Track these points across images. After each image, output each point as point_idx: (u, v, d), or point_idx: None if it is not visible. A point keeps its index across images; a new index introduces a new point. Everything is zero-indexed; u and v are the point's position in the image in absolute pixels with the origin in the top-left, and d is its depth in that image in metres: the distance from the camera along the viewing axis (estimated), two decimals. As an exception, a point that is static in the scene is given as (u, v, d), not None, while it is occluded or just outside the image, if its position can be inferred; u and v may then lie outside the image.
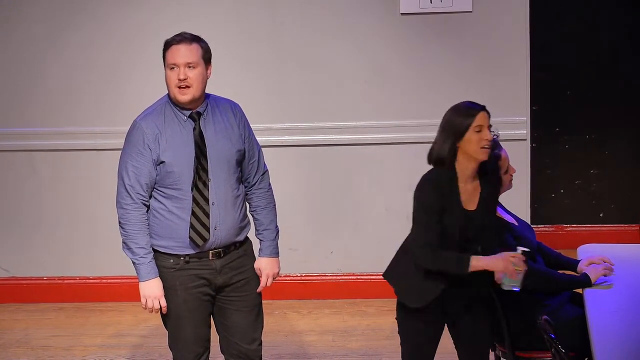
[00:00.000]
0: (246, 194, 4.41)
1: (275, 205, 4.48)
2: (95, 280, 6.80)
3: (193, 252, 4.25)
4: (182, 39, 4.20)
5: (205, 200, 4.22)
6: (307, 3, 6.48)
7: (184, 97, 4.18)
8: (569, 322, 4.41)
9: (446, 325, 4.32)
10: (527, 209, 6.47)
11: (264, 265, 4.42)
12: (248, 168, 4.38)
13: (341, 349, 5.92)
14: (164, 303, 4.25)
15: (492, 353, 4.60)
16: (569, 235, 7.41)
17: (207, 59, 4.25)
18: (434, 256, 4.08)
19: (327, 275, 6.75)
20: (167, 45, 4.22)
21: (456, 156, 4.10)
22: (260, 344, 4.46)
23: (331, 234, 6.70)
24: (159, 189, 4.23)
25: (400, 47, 6.49)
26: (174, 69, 4.18)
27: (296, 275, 6.72)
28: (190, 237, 4.22)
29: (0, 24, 6.59)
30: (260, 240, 4.45)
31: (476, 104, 4.13)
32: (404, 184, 6.50)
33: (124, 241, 4.24)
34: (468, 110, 4.10)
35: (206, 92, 4.28)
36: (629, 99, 7.38)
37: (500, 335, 4.50)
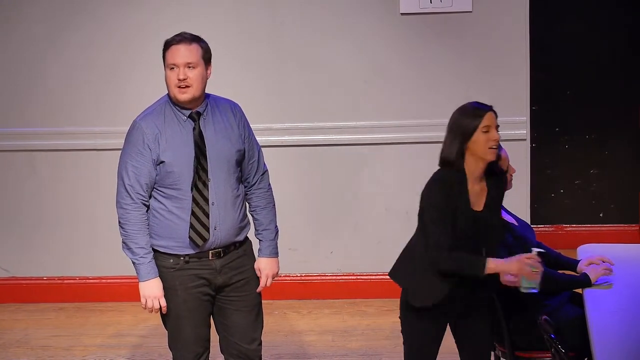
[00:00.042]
0: (246, 194, 4.41)
1: (274, 205, 4.48)
2: (95, 280, 6.80)
3: (193, 252, 4.25)
4: (182, 39, 4.20)
5: (205, 200, 4.22)
6: (307, 3, 6.48)
7: (183, 96, 4.17)
8: (569, 322, 4.40)
9: (448, 326, 4.32)
10: (527, 209, 6.47)
11: (263, 265, 4.42)
12: (248, 168, 4.38)
13: (341, 349, 5.92)
14: (163, 303, 4.25)
15: (492, 353, 4.60)
16: (569, 235, 7.41)
17: (207, 59, 4.25)
18: (449, 258, 4.05)
19: (327, 275, 6.74)
20: (167, 45, 4.22)
21: (464, 157, 4.10)
22: (260, 343, 4.46)
23: (331, 234, 6.69)
24: (159, 189, 4.23)
25: (400, 47, 6.49)
26: (173, 69, 4.18)
27: (296, 275, 6.72)
28: (190, 237, 4.21)
29: (0, 24, 6.59)
30: (259, 240, 4.45)
31: (483, 105, 4.11)
32: (404, 184, 6.52)
33: (123, 241, 4.24)
34: (475, 110, 4.08)
35: (206, 92, 4.28)
36: (628, 99, 7.37)
37: (500, 335, 4.50)
